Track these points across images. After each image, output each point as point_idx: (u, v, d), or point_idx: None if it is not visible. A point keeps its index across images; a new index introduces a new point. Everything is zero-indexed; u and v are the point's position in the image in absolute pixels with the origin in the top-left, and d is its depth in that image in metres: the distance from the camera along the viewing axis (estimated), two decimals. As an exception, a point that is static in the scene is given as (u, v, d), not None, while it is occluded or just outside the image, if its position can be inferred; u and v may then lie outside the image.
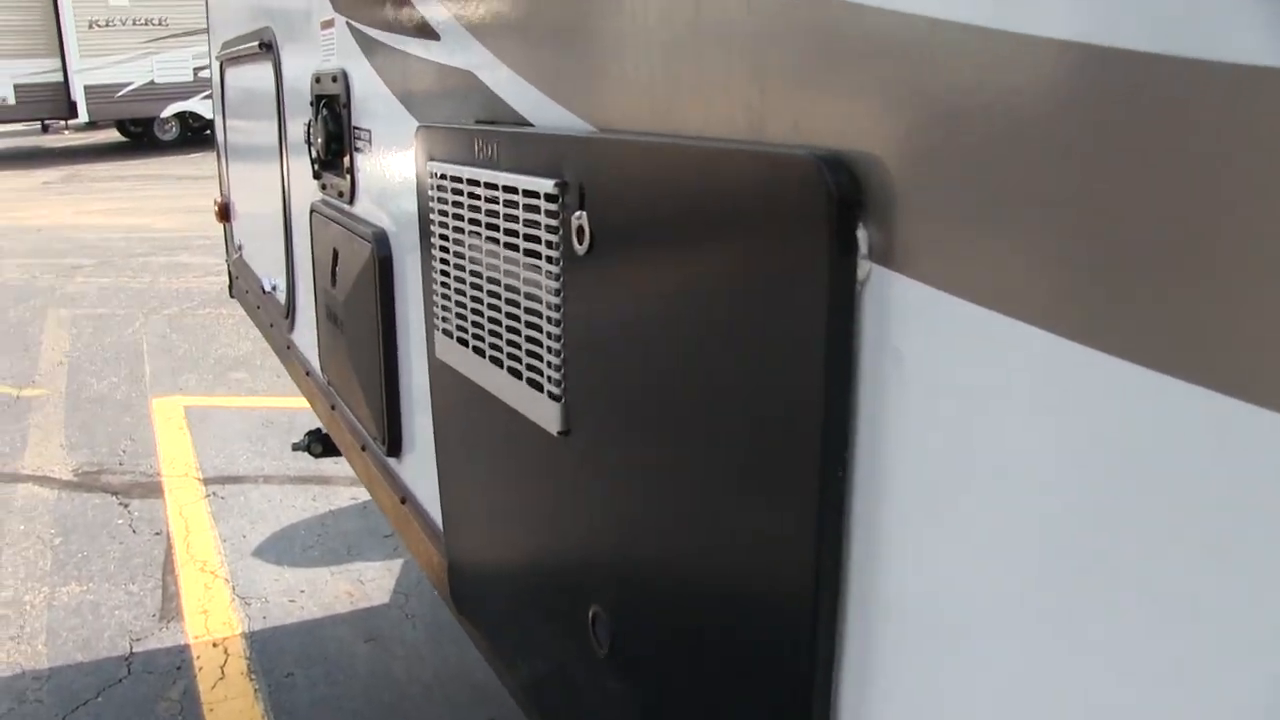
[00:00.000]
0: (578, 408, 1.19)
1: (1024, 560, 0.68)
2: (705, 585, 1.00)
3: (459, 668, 3.53)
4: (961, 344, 0.71)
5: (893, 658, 0.81)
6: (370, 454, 2.16)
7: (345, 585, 3.98)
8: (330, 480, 4.72)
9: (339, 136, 2.12)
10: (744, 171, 0.87)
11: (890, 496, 0.79)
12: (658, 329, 1.01)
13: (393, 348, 1.93)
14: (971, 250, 0.69)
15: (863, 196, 0.77)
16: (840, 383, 0.81)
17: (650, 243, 1.02)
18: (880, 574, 0.81)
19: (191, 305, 8.20)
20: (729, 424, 0.92)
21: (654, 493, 1.06)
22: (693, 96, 0.97)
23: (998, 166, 0.66)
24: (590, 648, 1.22)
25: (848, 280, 0.79)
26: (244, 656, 3.56)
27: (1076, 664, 0.64)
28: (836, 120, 0.80)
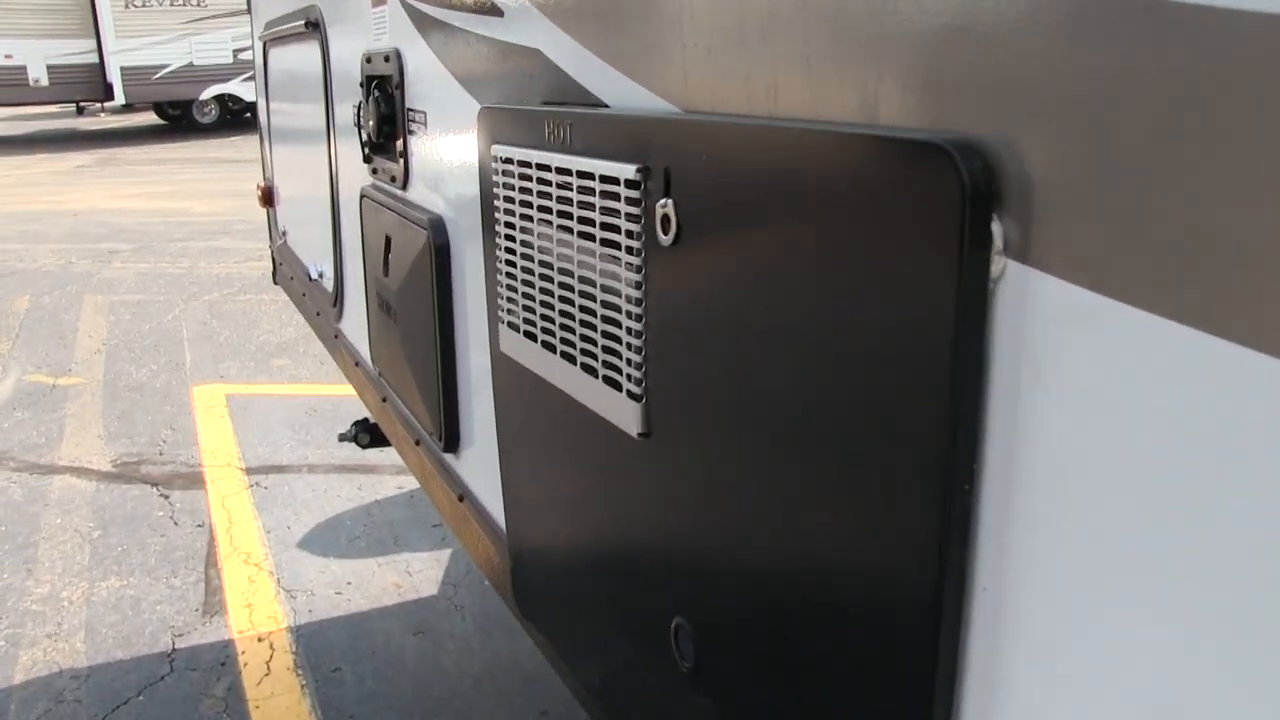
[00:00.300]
0: (660, 409, 1.11)
1: (1173, 581, 0.61)
2: (807, 599, 0.92)
3: (510, 660, 3.48)
4: (1110, 347, 0.63)
5: (1022, 683, 0.74)
6: (425, 449, 2.10)
7: (392, 577, 3.94)
8: (376, 469, 4.68)
9: (391, 119, 2.04)
10: (863, 158, 0.79)
11: (1024, 508, 0.71)
12: (755, 327, 0.93)
13: (450, 340, 1.86)
14: (1125, 245, 0.62)
15: (998, 186, 0.69)
16: (971, 387, 0.73)
17: (746, 234, 0.93)
18: (1010, 593, 0.74)
19: (232, 291, 8.18)
20: (840, 429, 0.84)
21: (748, 500, 0.98)
22: (797, 75, 0.89)
23: (1159, 154, 0.58)
24: (672, 661, 1.15)
25: (980, 277, 0.71)
26: (290, 651, 3.52)
27: (1232, 693, 0.57)
28: (968, 102, 0.72)
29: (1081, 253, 0.65)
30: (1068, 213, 0.66)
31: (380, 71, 2.09)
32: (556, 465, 1.40)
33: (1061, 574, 0.69)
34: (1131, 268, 0.62)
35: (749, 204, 0.92)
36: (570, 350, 1.27)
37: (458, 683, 3.37)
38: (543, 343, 1.34)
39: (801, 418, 0.89)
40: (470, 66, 1.62)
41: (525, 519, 1.55)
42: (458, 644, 3.58)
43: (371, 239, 2.23)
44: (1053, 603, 0.70)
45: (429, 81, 1.85)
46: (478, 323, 1.74)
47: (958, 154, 0.70)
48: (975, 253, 0.71)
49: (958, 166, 0.70)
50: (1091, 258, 0.64)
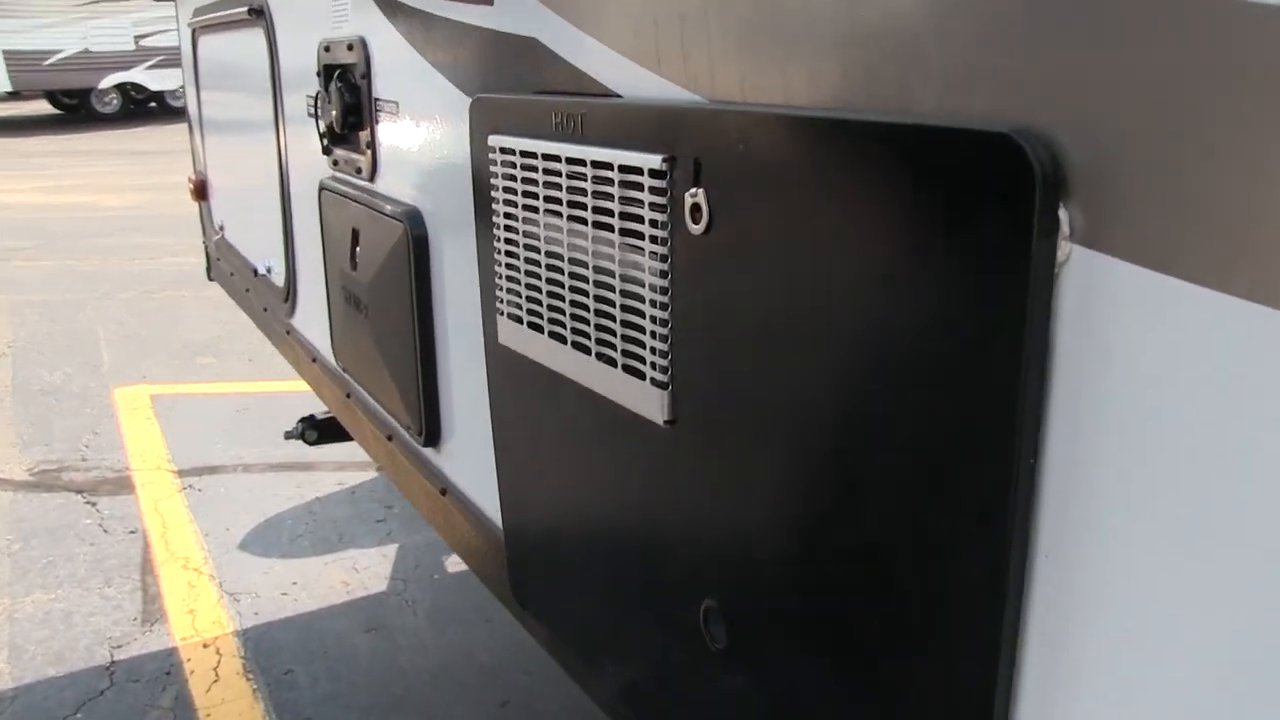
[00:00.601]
0: (687, 395, 1.12)
1: (1242, 571, 0.64)
2: (854, 574, 0.94)
3: (466, 653, 3.47)
4: (1171, 325, 0.67)
5: (1083, 671, 0.76)
6: (399, 444, 2.08)
7: (339, 574, 3.89)
8: (314, 466, 4.61)
9: (357, 109, 2.02)
10: (928, 149, 0.81)
11: (1086, 481, 0.74)
12: (797, 312, 0.95)
13: (430, 334, 1.85)
14: (1184, 227, 0.65)
15: (1064, 174, 0.72)
16: (1038, 366, 0.76)
17: (790, 223, 0.95)
18: (1071, 560, 0.77)
19: (150, 288, 7.93)
20: (895, 409, 0.86)
21: (788, 482, 1.00)
22: (843, 64, 0.90)
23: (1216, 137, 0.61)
24: (702, 642, 1.16)
25: (1049, 262, 0.73)
26: (238, 656, 3.44)
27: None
28: (1031, 92, 0.74)
29: (1142, 235, 0.67)
30: (1129, 197, 0.68)
31: (342, 60, 2.06)
32: (564, 454, 1.40)
33: (1124, 541, 0.72)
34: (1188, 248, 0.65)
35: (794, 195, 0.93)
36: (583, 340, 1.27)
37: (415, 679, 3.35)
38: (550, 334, 1.34)
39: (850, 397, 0.91)
40: (454, 56, 1.61)
41: (526, 510, 1.54)
42: (411, 640, 3.54)
43: (334, 232, 2.20)
44: (1115, 568, 0.73)
45: (402, 71, 1.82)
46: (463, 315, 1.73)
47: (1027, 145, 0.72)
48: (1044, 239, 0.73)
49: (1028, 156, 0.72)
50: (1152, 239, 0.67)
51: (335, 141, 2.16)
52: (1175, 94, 0.65)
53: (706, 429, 1.10)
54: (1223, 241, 0.63)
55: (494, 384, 1.56)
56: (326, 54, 2.14)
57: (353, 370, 2.24)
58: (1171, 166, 0.66)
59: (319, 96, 2.16)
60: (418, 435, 1.93)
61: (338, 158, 2.17)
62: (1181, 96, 0.64)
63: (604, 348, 1.23)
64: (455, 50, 1.60)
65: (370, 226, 1.98)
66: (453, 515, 1.87)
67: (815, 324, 0.93)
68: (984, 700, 0.83)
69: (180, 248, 6.20)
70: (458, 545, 1.91)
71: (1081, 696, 0.77)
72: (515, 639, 3.53)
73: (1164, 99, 0.65)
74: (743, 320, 1.02)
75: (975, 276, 0.78)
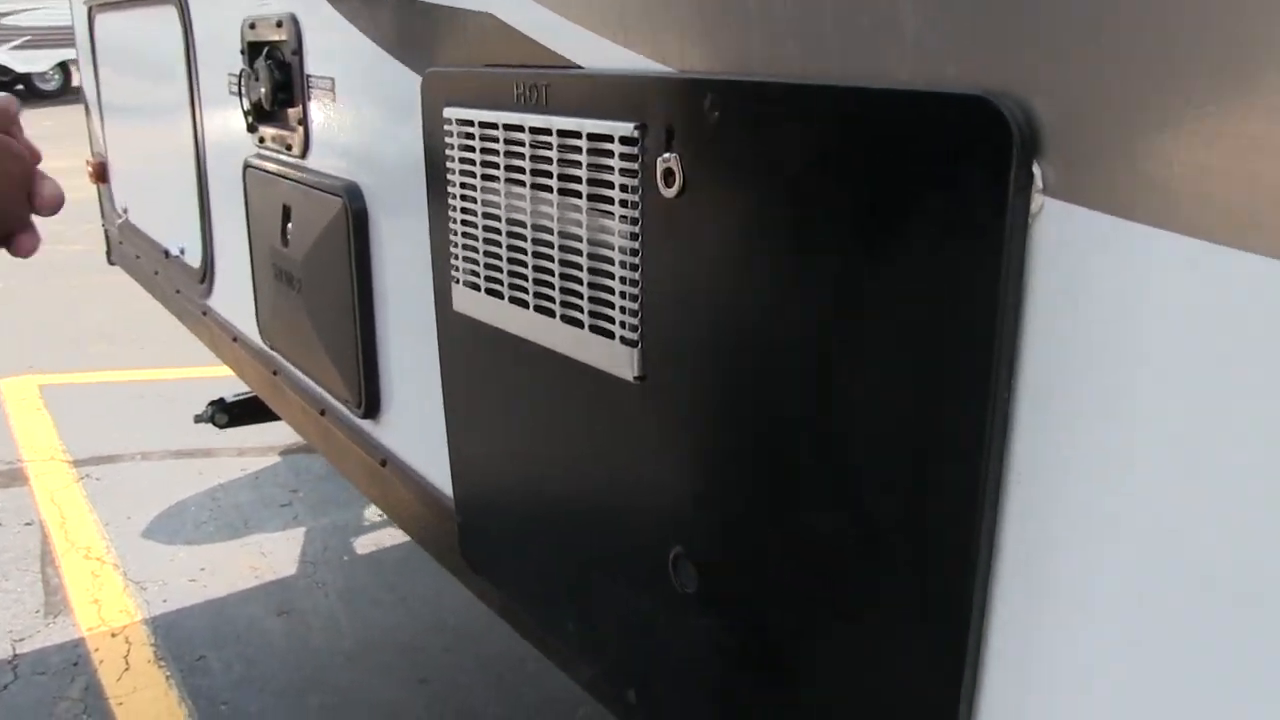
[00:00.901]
0: (658, 352, 1.18)
1: (1202, 482, 0.72)
2: (828, 509, 1.01)
3: (382, 632, 3.47)
4: (1128, 263, 0.75)
5: (1059, 590, 0.84)
6: (333, 418, 2.09)
7: (247, 559, 3.85)
8: (215, 453, 4.54)
9: (288, 86, 2.02)
10: (906, 113, 0.88)
11: (1058, 410, 0.82)
12: (774, 267, 1.01)
13: (369, 306, 1.87)
14: (1138, 177, 0.73)
15: (1037, 131, 0.80)
16: (1014, 305, 0.83)
17: (763, 184, 1.01)
18: (1043, 484, 0.85)
19: (32, 276, 7.61)
20: (867, 353, 0.93)
21: (760, 430, 1.06)
22: (814, 34, 0.97)
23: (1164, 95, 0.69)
24: (671, 589, 1.22)
25: (1024, 213, 0.81)
26: (149, 644, 3.40)
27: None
28: (1004, 57, 0.82)
29: (1105, 186, 0.76)
30: (1093, 153, 0.77)
31: (270, 38, 2.06)
32: (523, 415, 1.45)
33: (1094, 463, 0.80)
34: (1144, 196, 0.73)
35: (771, 159, 1.00)
36: (547, 304, 1.31)
37: (331, 660, 3.34)
38: (511, 298, 1.38)
39: (829, 341, 0.97)
40: (399, 32, 1.63)
41: (480, 473, 1.58)
42: (325, 621, 3.54)
43: (261, 210, 2.19)
44: (1088, 488, 0.81)
45: (339, 47, 1.84)
46: (405, 286, 1.76)
47: (1004, 107, 0.80)
48: (1019, 192, 0.81)
49: (1005, 118, 0.80)
50: (1114, 189, 0.75)
51: (262, 119, 2.16)
52: (1132, 58, 0.73)
53: (677, 383, 1.16)
54: (1173, 190, 0.71)
55: (447, 351, 1.59)
56: (252, 31, 2.13)
57: (282, 347, 2.24)
58: (1129, 124, 0.74)
59: (244, 74, 2.15)
60: (356, 408, 1.95)
61: (264, 135, 2.17)
62: (1137, 60, 0.72)
63: (569, 310, 1.28)
64: (401, 26, 1.62)
65: (304, 203, 1.99)
66: (393, 486, 1.90)
67: (794, 279, 0.99)
68: (959, 628, 0.90)
69: (69, 234, 5.98)
70: (398, 515, 1.93)
71: (1059, 611, 0.85)
72: (432, 617, 3.55)
73: (1122, 62, 0.73)
74: (718, 277, 1.08)
75: (954, 229, 0.85)
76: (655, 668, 1.30)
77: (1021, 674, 0.88)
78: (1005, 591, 0.89)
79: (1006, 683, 0.90)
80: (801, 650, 1.08)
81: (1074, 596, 0.83)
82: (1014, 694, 0.89)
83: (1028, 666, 0.88)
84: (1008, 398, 0.86)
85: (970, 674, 0.91)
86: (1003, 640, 0.89)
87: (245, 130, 2.22)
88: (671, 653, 1.27)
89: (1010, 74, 0.81)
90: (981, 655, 0.91)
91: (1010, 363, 0.84)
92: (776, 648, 1.11)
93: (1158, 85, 0.71)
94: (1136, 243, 0.74)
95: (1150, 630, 0.77)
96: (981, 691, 0.92)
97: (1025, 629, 0.88)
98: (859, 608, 1.01)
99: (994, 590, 0.90)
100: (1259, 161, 0.67)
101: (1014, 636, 0.88)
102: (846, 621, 1.03)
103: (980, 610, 0.90)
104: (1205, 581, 0.74)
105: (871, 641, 1.00)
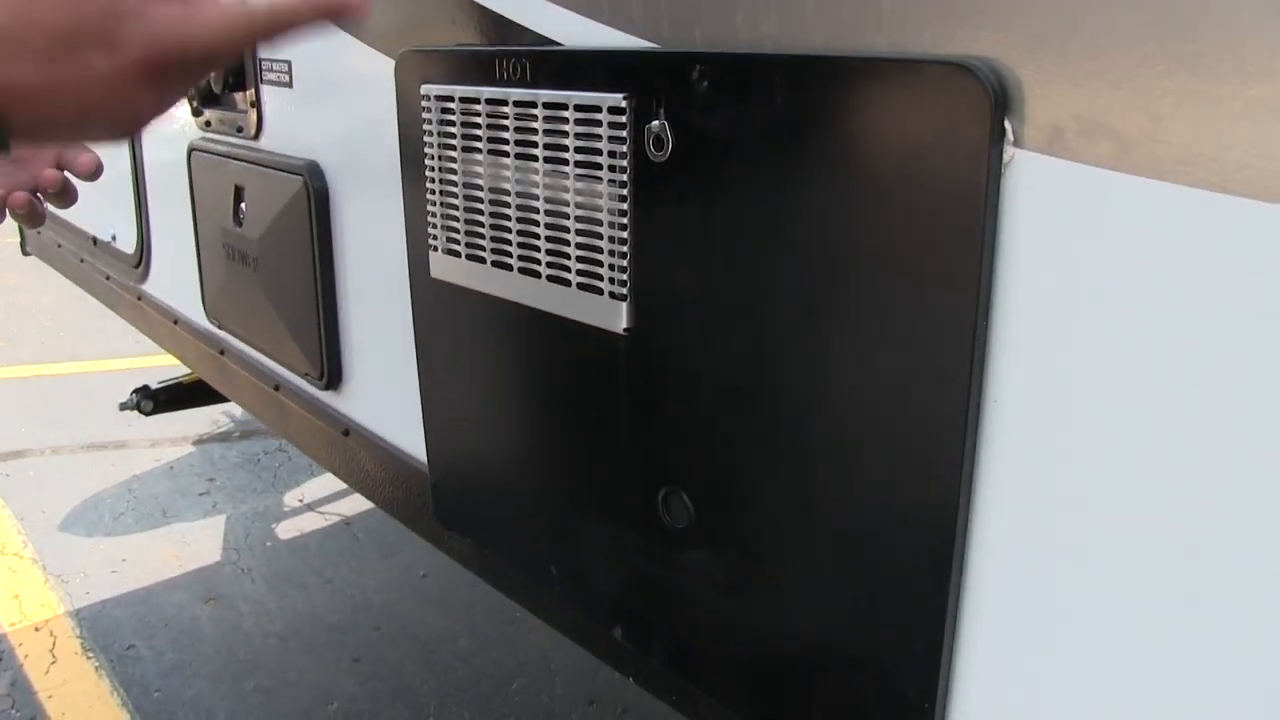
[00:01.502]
0: (645, 305, 1.28)
1: (1179, 452, 0.87)
2: (818, 440, 1.13)
3: (311, 615, 3.50)
4: (1103, 207, 0.88)
5: (1030, 484, 0.98)
6: (288, 393, 2.14)
7: (169, 548, 3.83)
8: (127, 444, 4.48)
9: (239, 70, 2.06)
10: (889, 79, 1.00)
11: (1029, 338, 0.95)
12: (762, 220, 1.12)
13: (330, 280, 1.93)
14: (1102, 126, 0.87)
15: (1007, 91, 0.93)
16: (990, 244, 0.96)
17: (751, 146, 1.12)
18: (1017, 407, 0.98)
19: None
20: (854, 289, 1.05)
21: (748, 372, 1.18)
22: (794, 6, 1.08)
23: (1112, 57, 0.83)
24: (661, 525, 1.32)
25: (998, 165, 0.94)
26: (75, 636, 3.37)
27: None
28: (976, 26, 0.95)
29: (1065, 134, 0.89)
30: (1055, 107, 0.90)
31: (217, 21, 2.09)
32: (505, 372, 1.54)
33: (1063, 385, 0.93)
34: (1100, 143, 0.87)
35: (758, 122, 1.11)
36: (532, 265, 1.41)
37: (262, 644, 3.37)
38: (494, 263, 1.47)
39: (816, 283, 1.09)
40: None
41: (456, 432, 1.66)
42: (253, 606, 3.55)
43: (209, 192, 2.23)
44: (1057, 409, 0.94)
45: (297, 29, 1.89)
46: (371, 259, 1.83)
47: (982, 72, 0.93)
48: (994, 145, 0.94)
49: (984, 82, 0.92)
50: (1073, 137, 0.89)
51: (208, 103, 2.19)
52: (1079, 31, 0.86)
53: (667, 333, 1.27)
54: (1125, 137, 0.85)
55: (422, 316, 1.67)
56: (195, 13, 2.16)
57: (232, 326, 2.27)
58: (1081, 85, 0.87)
59: (186, 56, 2.18)
60: (318, 380, 2.00)
61: (211, 119, 2.20)
62: (1087, 28, 0.86)
63: (556, 270, 1.38)
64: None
65: (260, 183, 2.04)
66: (356, 454, 1.96)
67: (783, 230, 1.11)
68: (945, 540, 1.03)
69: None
70: (361, 483, 1.99)
71: (1034, 514, 0.98)
72: (359, 598, 3.60)
73: (1072, 34, 0.87)
74: (707, 232, 1.19)
75: (938, 180, 0.97)
76: (642, 603, 1.41)
77: (1005, 577, 1.01)
78: (985, 505, 1.02)
79: (991, 590, 1.02)
80: (791, 575, 1.20)
81: (1047, 497, 0.96)
82: (998, 601, 1.02)
83: (1008, 569, 1.01)
84: (986, 325, 0.99)
85: (955, 584, 1.04)
86: (984, 551, 1.02)
87: (189, 114, 2.25)
88: (659, 587, 1.37)
89: (982, 42, 0.94)
90: (965, 561, 1.04)
91: (989, 292, 0.97)
92: (767, 575, 1.23)
93: (1105, 49, 0.85)
94: (1093, 183, 0.88)
95: (1114, 532, 0.91)
96: (965, 599, 1.05)
97: (1004, 534, 1.01)
98: (849, 528, 1.13)
99: (975, 505, 1.03)
100: (1191, 111, 0.81)
101: (996, 543, 1.02)
102: (837, 542, 1.14)
103: (964, 524, 1.03)
104: (1168, 494, 0.87)
105: (861, 557, 1.12)
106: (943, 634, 1.08)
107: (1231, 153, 0.80)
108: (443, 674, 3.22)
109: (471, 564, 1.77)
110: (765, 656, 1.27)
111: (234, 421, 4.68)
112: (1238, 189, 0.81)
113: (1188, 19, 0.81)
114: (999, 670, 1.05)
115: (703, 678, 1.37)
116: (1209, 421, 0.84)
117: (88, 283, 3.02)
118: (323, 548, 3.83)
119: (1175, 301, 0.84)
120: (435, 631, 3.37)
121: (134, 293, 2.74)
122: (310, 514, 4.00)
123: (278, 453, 4.46)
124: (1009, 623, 1.03)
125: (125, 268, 2.73)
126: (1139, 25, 0.83)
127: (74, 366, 5.30)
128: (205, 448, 4.51)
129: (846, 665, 1.17)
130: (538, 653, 3.23)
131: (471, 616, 3.43)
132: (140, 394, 3.29)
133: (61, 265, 3.17)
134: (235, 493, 4.19)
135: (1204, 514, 0.86)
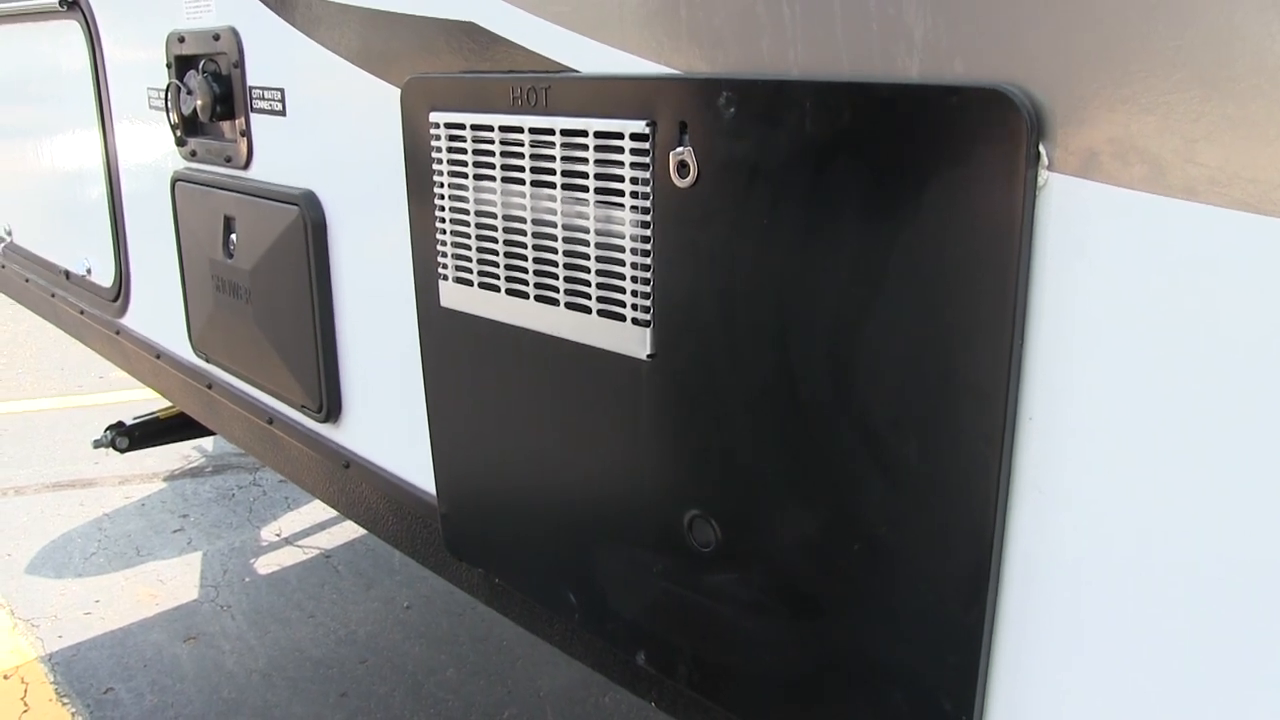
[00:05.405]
0: (669, 331, 1.29)
1: (1213, 470, 0.89)
2: (848, 456, 1.14)
3: (293, 649, 3.45)
4: (1132, 226, 0.90)
5: (1066, 484, 0.99)
6: (283, 426, 2.11)
7: (144, 587, 3.76)
8: (95, 482, 4.40)
9: (228, 99, 2.04)
10: (925, 105, 1.01)
11: (1065, 353, 0.97)
12: (793, 243, 1.13)
13: (329, 311, 1.91)
14: (1132, 152, 0.89)
15: (1042, 118, 0.95)
16: (1026, 261, 0.97)
17: (781, 170, 1.13)
18: (1054, 422, 1.00)
19: None
20: (890, 308, 1.06)
21: (777, 394, 1.18)
22: (820, 34, 1.10)
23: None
24: (687, 548, 1.33)
25: (1033, 186, 0.96)
26: (48, 682, 3.29)
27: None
28: (1009, 55, 0.97)
29: (1096, 160, 0.92)
30: (1087, 134, 0.92)
31: (205, 51, 2.08)
32: (520, 399, 1.53)
33: (1095, 402, 0.95)
34: (1129, 167, 0.89)
35: (786, 147, 1.12)
36: (549, 293, 1.41)
37: (245, 681, 3.31)
38: (508, 290, 1.47)
39: (851, 300, 1.10)
40: (367, 43, 1.69)
41: (467, 461, 1.65)
42: (234, 643, 3.50)
43: (196, 223, 2.20)
44: (1090, 426, 0.96)
45: (290, 59, 1.88)
46: (372, 289, 1.82)
47: (1018, 98, 0.95)
48: (1030, 168, 0.96)
49: (1020, 107, 0.94)
50: (1104, 162, 0.91)
51: (193, 132, 2.17)
52: (1112, 59, 0.89)
53: (691, 358, 1.27)
54: (1156, 160, 0.88)
55: (431, 346, 1.66)
56: (180, 45, 2.15)
57: (222, 359, 2.25)
58: (1115, 110, 0.90)
59: (170, 88, 2.16)
60: (316, 413, 1.98)
61: (196, 148, 2.18)
62: (1116, 61, 0.88)
63: (575, 297, 1.38)
64: (371, 37, 1.69)
65: (252, 213, 2.02)
66: (357, 486, 1.95)
67: (816, 253, 1.12)
68: (980, 552, 1.04)
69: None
70: (363, 515, 1.98)
71: (1069, 523, 0.99)
72: (343, 631, 3.55)
73: (1105, 61, 0.89)
74: (734, 256, 1.20)
75: (976, 201, 0.99)
76: (665, 627, 1.41)
77: (1039, 590, 1.03)
78: (1019, 520, 1.03)
79: (1026, 604, 1.04)
80: (823, 593, 1.20)
81: (1082, 506, 0.98)
82: (1032, 614, 1.04)
83: (1043, 582, 1.02)
84: (1021, 344, 1.00)
85: (991, 597, 1.06)
86: (1019, 564, 1.04)
87: (172, 145, 2.23)
88: (684, 610, 1.37)
89: (1015, 68, 0.96)
90: (1001, 574, 1.05)
91: (1023, 313, 0.99)
92: (797, 594, 1.23)
93: (1138, 76, 0.87)
94: (1127, 205, 0.90)
95: (1148, 548, 0.93)
96: (1000, 612, 1.06)
97: (1039, 548, 1.02)
98: (883, 545, 1.14)
99: (1010, 520, 1.04)
100: (1226, 134, 0.83)
101: (1030, 557, 1.03)
102: (871, 559, 1.15)
103: (1000, 538, 1.04)
104: (1199, 485, 0.89)
105: (896, 573, 1.13)
106: (979, 646, 1.09)
107: (1267, 173, 0.83)
108: (432, 706, 3.18)
109: (480, 593, 1.76)
110: (795, 675, 1.28)
111: (206, 456, 4.61)
112: (1273, 209, 0.83)
113: (1219, 45, 0.83)
114: (1034, 682, 1.06)
115: (730, 698, 1.37)
116: (1240, 437, 0.86)
117: (59, 318, 2.97)
118: (303, 581, 3.78)
119: (1210, 320, 0.87)
120: (422, 663, 3.34)
121: (112, 327, 2.70)
122: (288, 548, 3.95)
123: (251, 487, 4.41)
124: (1043, 635, 1.04)
125: (102, 301, 2.69)
126: (1171, 51, 0.86)
127: (27, 405, 5.20)
128: (177, 483, 4.44)
129: (880, 680, 1.18)
130: (526, 680, 3.21)
131: (457, 647, 3.40)
132: (115, 430, 3.23)
133: (29, 300, 3.11)
134: (210, 528, 4.13)
135: (1243, 532, 0.88)
